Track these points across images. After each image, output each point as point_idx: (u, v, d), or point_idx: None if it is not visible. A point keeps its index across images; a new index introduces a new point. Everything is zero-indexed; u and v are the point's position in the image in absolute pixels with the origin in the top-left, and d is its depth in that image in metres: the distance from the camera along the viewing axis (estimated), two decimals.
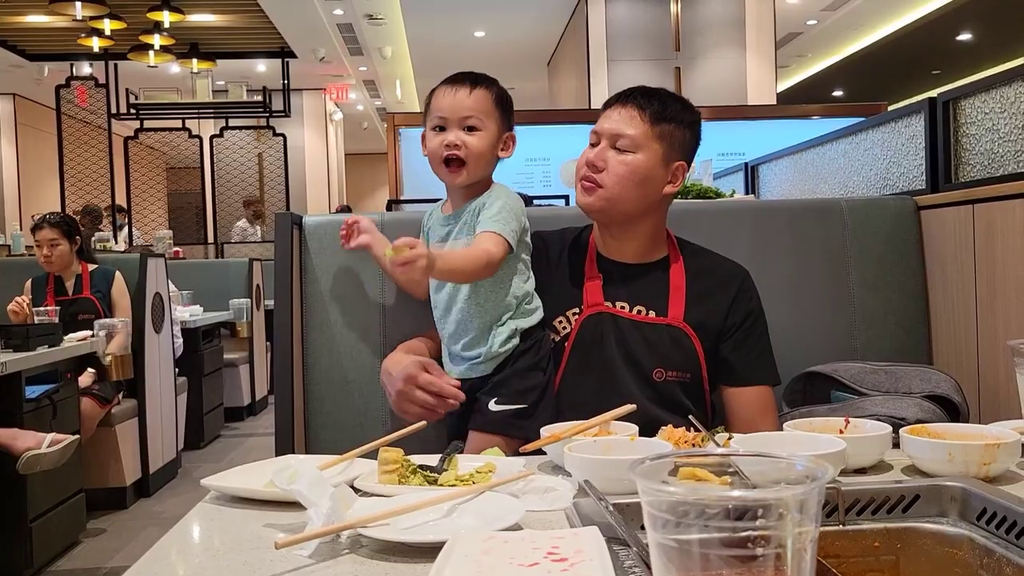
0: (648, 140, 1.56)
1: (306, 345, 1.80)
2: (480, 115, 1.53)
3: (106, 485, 3.89)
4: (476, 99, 1.53)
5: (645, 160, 1.56)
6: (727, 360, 1.61)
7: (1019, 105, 1.88)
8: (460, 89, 1.54)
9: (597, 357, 1.58)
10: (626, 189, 1.56)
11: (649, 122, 1.56)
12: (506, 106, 1.58)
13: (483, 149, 1.53)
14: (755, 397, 1.61)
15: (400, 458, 1.11)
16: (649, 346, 1.57)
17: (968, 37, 10.50)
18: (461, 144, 1.52)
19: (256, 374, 6.32)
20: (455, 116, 1.53)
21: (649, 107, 1.57)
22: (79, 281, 4.00)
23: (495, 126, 1.55)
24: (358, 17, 9.05)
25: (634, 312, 1.59)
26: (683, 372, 1.58)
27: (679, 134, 1.59)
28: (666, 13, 8.24)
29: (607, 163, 1.57)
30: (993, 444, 1.08)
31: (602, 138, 1.59)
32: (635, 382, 1.56)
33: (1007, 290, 1.70)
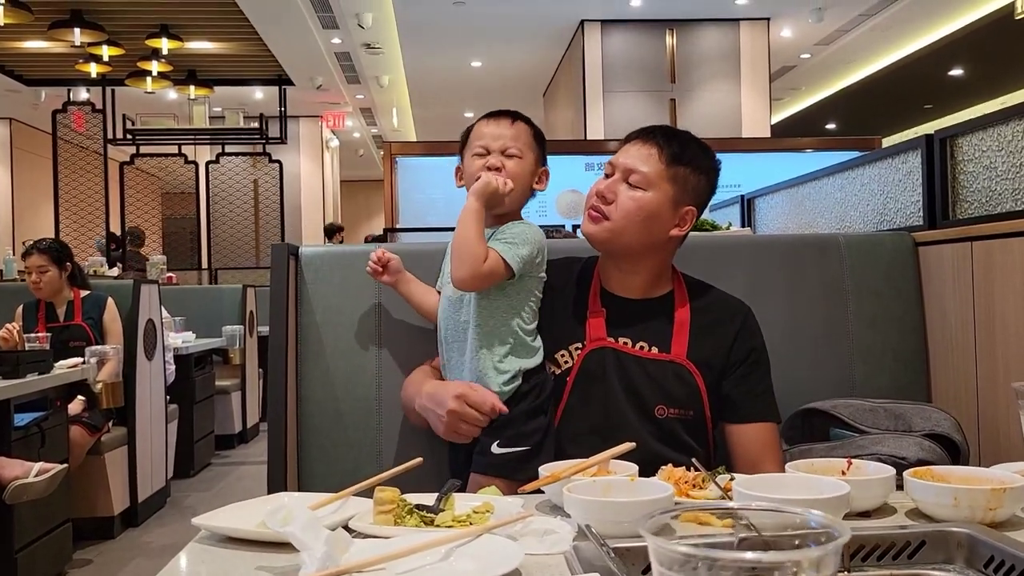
0: (661, 180, 1.56)
1: (300, 377, 1.79)
2: (520, 145, 1.58)
3: (93, 515, 3.84)
4: (517, 130, 1.60)
5: (654, 199, 1.55)
6: (729, 397, 1.59)
7: (1016, 143, 1.88)
8: (502, 120, 1.61)
9: (599, 392, 1.56)
10: (631, 224, 1.55)
11: (665, 162, 1.56)
12: (541, 142, 1.64)
13: (520, 174, 1.58)
14: (758, 434, 1.59)
15: (396, 498, 1.09)
16: (651, 382, 1.56)
17: (959, 72, 10.61)
18: (501, 166, 1.56)
19: (248, 401, 6.27)
20: (496, 144, 1.58)
21: (668, 147, 1.57)
22: (70, 307, 3.97)
23: (532, 158, 1.61)
24: (356, 46, 9.10)
25: (637, 348, 1.58)
26: (685, 409, 1.56)
27: (693, 179, 1.58)
28: (662, 45, 8.31)
29: (617, 196, 1.57)
30: (999, 489, 1.06)
31: (616, 170, 1.59)
32: (637, 418, 1.54)
33: (1007, 329, 1.69)
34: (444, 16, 8.19)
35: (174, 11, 7.93)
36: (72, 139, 9.41)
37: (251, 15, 7.90)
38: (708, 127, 7.90)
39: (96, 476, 3.81)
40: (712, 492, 1.16)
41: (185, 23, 8.21)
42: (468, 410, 1.48)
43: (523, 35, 8.83)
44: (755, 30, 8.37)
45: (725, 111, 8.27)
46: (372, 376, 1.78)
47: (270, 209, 10.46)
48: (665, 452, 1.52)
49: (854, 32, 8.91)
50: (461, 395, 1.48)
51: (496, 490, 1.26)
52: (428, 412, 1.54)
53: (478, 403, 1.48)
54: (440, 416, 1.50)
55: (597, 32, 8.34)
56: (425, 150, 6.20)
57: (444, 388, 1.52)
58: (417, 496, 1.16)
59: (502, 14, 8.19)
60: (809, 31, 8.80)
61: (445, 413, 1.48)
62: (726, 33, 8.34)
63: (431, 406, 1.53)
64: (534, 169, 1.61)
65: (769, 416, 1.61)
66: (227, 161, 10.40)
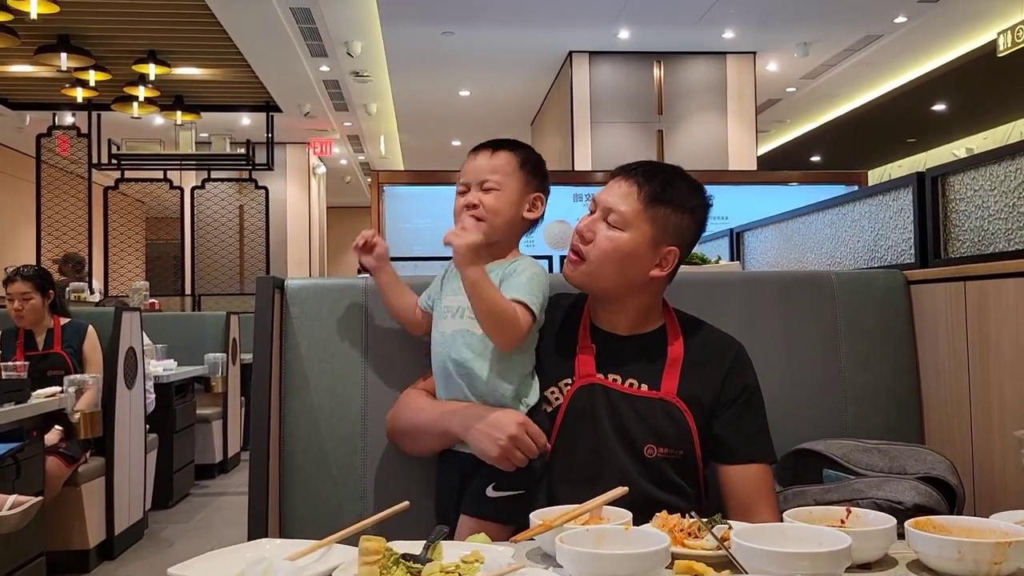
0: (638, 220, 1.52)
1: (284, 413, 1.74)
2: (498, 176, 1.55)
3: (68, 548, 3.75)
4: (496, 161, 1.56)
5: (631, 239, 1.52)
6: (721, 437, 1.56)
7: (1009, 183, 1.88)
8: (481, 153, 1.58)
9: (588, 430, 1.53)
10: (606, 266, 1.53)
11: (644, 202, 1.52)
12: (534, 167, 1.59)
13: (498, 207, 1.54)
14: (752, 476, 1.55)
15: (382, 548, 1.05)
16: (641, 420, 1.52)
17: (942, 107, 10.74)
18: (478, 203, 1.53)
19: (229, 430, 6.19)
20: (475, 179, 1.56)
21: (647, 185, 1.53)
22: (50, 336, 3.90)
23: (516, 186, 1.56)
24: (344, 74, 9.12)
25: (626, 385, 1.55)
26: (675, 448, 1.53)
27: (675, 219, 1.54)
28: (649, 77, 8.38)
29: (595, 235, 1.54)
30: (1005, 543, 1.03)
31: (598, 208, 1.57)
32: (626, 457, 1.51)
33: (1001, 371, 1.68)
34: (433, 45, 8.23)
35: (162, 37, 7.92)
36: (56, 163, 9.35)
37: (240, 42, 7.90)
38: (695, 159, 7.94)
39: (72, 508, 3.73)
40: (708, 542, 1.13)
41: (173, 49, 8.21)
42: (527, 439, 1.45)
43: (511, 65, 8.88)
44: (742, 64, 8.45)
45: (712, 143, 8.32)
46: (358, 413, 1.74)
47: (255, 235, 10.41)
48: (654, 492, 1.48)
49: (839, 67, 9.01)
50: (524, 422, 1.46)
51: (485, 538, 1.22)
52: (479, 434, 1.47)
53: (536, 434, 1.46)
54: (498, 439, 1.44)
55: (585, 63, 8.39)
56: (413, 179, 6.18)
57: (499, 413, 1.48)
58: (403, 544, 1.12)
59: (491, 44, 8.23)
60: (795, 65, 8.90)
61: (506, 438, 1.44)
62: (713, 66, 8.42)
63: (487, 430, 1.46)
64: (519, 198, 1.56)
65: (763, 457, 1.57)
66: (213, 187, 10.36)
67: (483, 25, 7.72)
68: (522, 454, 1.45)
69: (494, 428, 1.45)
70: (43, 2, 6.28)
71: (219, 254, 10.40)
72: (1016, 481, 1.61)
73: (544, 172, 1.62)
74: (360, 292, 1.79)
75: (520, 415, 1.47)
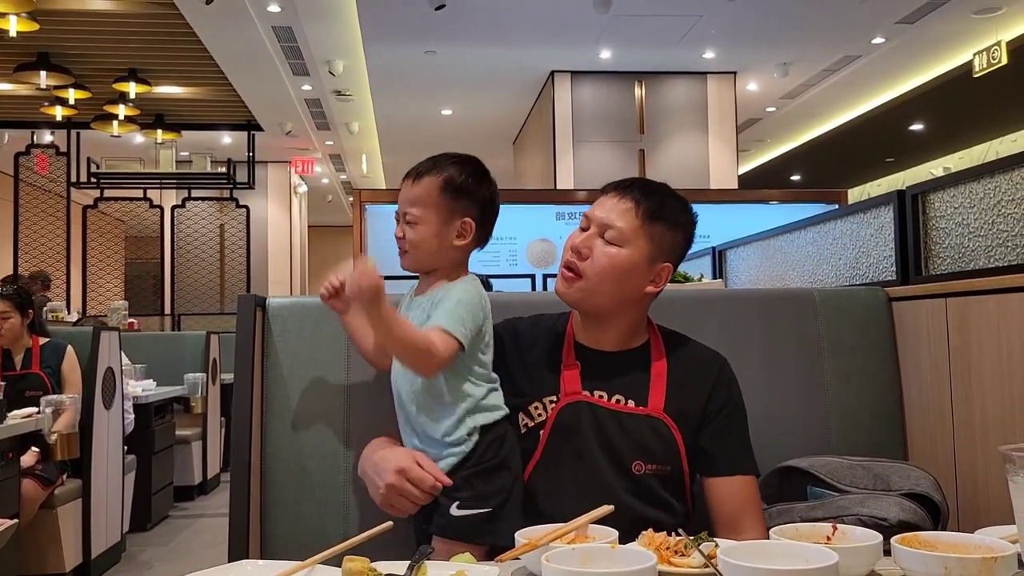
0: (637, 236, 1.52)
1: (265, 432, 1.72)
2: (419, 207, 1.51)
3: (44, 572, 3.68)
4: (417, 190, 1.52)
5: (629, 256, 1.51)
6: (706, 450, 1.55)
7: (988, 200, 1.89)
8: (407, 182, 1.55)
9: (573, 446, 1.52)
10: (604, 282, 1.52)
11: (642, 218, 1.52)
12: (457, 191, 1.51)
13: (419, 240, 1.50)
14: (737, 488, 1.54)
15: (365, 568, 1.04)
16: (628, 437, 1.51)
17: (920, 127, 10.88)
18: (403, 235, 1.52)
19: (209, 451, 6.12)
20: (401, 209, 1.54)
21: (645, 202, 1.53)
22: (28, 355, 3.85)
23: (436, 216, 1.50)
24: (326, 93, 9.12)
25: (613, 401, 1.54)
26: (663, 465, 1.52)
27: (669, 236, 1.55)
28: (631, 96, 8.44)
29: (592, 252, 1.53)
30: (990, 558, 1.03)
31: (592, 224, 1.55)
32: (613, 473, 1.50)
33: (983, 387, 1.68)
34: (415, 64, 8.26)
35: (142, 55, 7.91)
36: (35, 181, 9.29)
37: (221, 61, 7.89)
38: (676, 178, 7.95)
39: (48, 531, 3.66)
40: (695, 559, 1.12)
41: (153, 67, 8.19)
42: (407, 486, 1.41)
43: (494, 84, 8.92)
44: (722, 83, 8.54)
45: (693, 162, 8.39)
46: (340, 432, 1.72)
47: (236, 254, 10.36)
48: (641, 509, 1.47)
49: (818, 87, 9.12)
50: (402, 470, 1.42)
51: (470, 556, 1.20)
52: (368, 480, 1.49)
53: (418, 480, 1.41)
54: (378, 487, 1.44)
55: (567, 83, 8.44)
56: (394, 198, 6.14)
57: (387, 459, 1.45)
58: (388, 564, 1.10)
59: (473, 63, 8.27)
60: (775, 85, 8.99)
61: (383, 486, 1.43)
62: (694, 86, 8.49)
63: (372, 475, 1.47)
64: (440, 228, 1.50)
65: (747, 469, 1.57)
66: (193, 206, 10.32)
67: (465, 44, 7.76)
68: (408, 500, 1.42)
69: (376, 475, 1.45)
70: (22, 20, 6.25)
71: (199, 273, 10.34)
72: (1000, 496, 1.61)
73: (473, 191, 1.52)
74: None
75: (404, 459, 1.43)
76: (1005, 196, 1.85)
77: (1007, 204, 1.84)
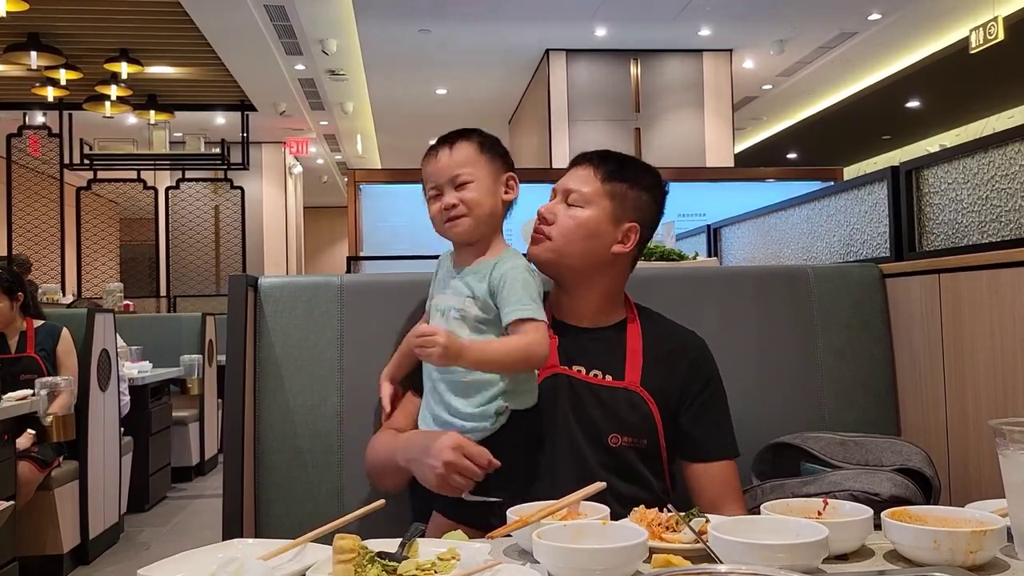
0: (598, 197, 1.56)
1: (258, 412, 1.72)
2: (467, 167, 1.49)
3: (42, 553, 3.69)
4: (458, 154, 1.50)
5: (592, 215, 1.56)
6: (689, 435, 1.56)
7: (981, 176, 1.89)
8: (440, 152, 1.51)
9: (551, 420, 1.52)
10: (571, 243, 1.55)
11: (600, 179, 1.57)
12: (494, 150, 1.53)
13: (479, 199, 1.48)
14: (719, 473, 1.56)
15: (356, 546, 1.04)
16: (605, 410, 1.52)
17: (916, 104, 10.85)
18: (458, 202, 1.47)
19: (206, 432, 6.13)
20: (444, 178, 1.49)
21: (604, 166, 1.59)
22: (23, 339, 3.84)
23: (485, 173, 1.50)
24: (320, 73, 9.06)
25: (591, 375, 1.55)
26: (639, 438, 1.53)
27: (632, 195, 1.58)
28: (626, 75, 8.39)
29: (556, 216, 1.57)
30: (980, 531, 1.03)
31: (558, 194, 1.61)
32: (589, 447, 1.51)
33: (975, 362, 1.69)
34: (409, 43, 8.20)
35: (134, 35, 7.83)
36: (27, 163, 9.24)
37: (213, 40, 7.83)
38: (672, 156, 7.97)
39: (45, 512, 3.67)
40: (686, 535, 1.12)
41: (145, 47, 8.12)
42: (465, 462, 1.38)
43: (488, 63, 8.86)
44: (718, 61, 8.49)
45: (689, 140, 8.36)
46: (334, 411, 1.72)
47: (231, 236, 10.33)
48: (617, 484, 1.47)
49: (814, 64, 9.07)
50: (459, 446, 1.39)
51: (462, 535, 1.20)
52: (418, 463, 1.44)
53: (475, 455, 1.39)
54: (434, 467, 1.39)
55: (562, 61, 8.40)
56: (389, 177, 6.16)
57: (438, 440, 1.41)
58: (379, 542, 1.10)
59: (468, 42, 8.22)
60: (771, 63, 8.95)
61: (441, 464, 1.38)
62: (690, 64, 8.45)
63: (423, 457, 1.42)
64: (493, 184, 1.50)
65: (729, 453, 1.59)
66: (187, 187, 10.27)
67: (460, 23, 7.70)
68: (464, 478, 1.39)
69: (430, 456, 1.41)
70: (12, 0, 6.18)
71: (194, 255, 10.31)
72: (991, 471, 1.62)
73: (505, 150, 1.56)
74: (335, 290, 1.77)
75: (456, 438, 1.40)
76: (998, 171, 1.84)
77: (1000, 179, 1.84)
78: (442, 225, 1.49)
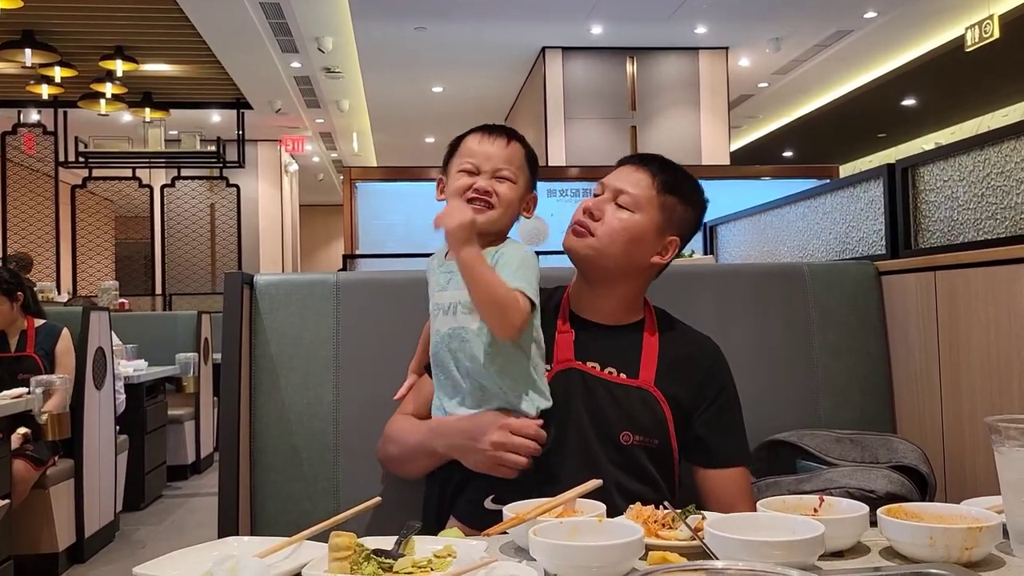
0: (649, 205, 1.55)
1: (254, 410, 1.72)
2: (514, 168, 1.49)
3: (37, 551, 3.68)
4: (511, 152, 1.50)
5: (641, 222, 1.54)
6: (703, 440, 1.55)
7: (977, 173, 1.89)
8: (497, 139, 1.50)
9: (563, 415, 1.51)
10: (614, 244, 1.53)
11: (656, 188, 1.55)
12: (534, 166, 1.55)
13: (512, 200, 1.48)
14: (733, 480, 1.55)
15: (352, 543, 1.03)
16: (618, 407, 1.52)
17: (912, 102, 10.85)
18: (492, 191, 1.46)
19: (202, 430, 6.12)
20: (489, 164, 1.47)
21: (661, 175, 1.57)
22: (23, 338, 3.82)
23: (522, 182, 1.51)
24: (316, 70, 9.05)
25: (605, 372, 1.54)
26: (651, 437, 1.52)
27: (680, 209, 1.58)
28: (622, 73, 8.39)
29: (604, 214, 1.54)
30: (976, 528, 1.03)
31: (607, 190, 1.58)
32: (600, 443, 1.50)
33: (971, 359, 1.69)
34: (405, 41, 8.19)
35: (129, 33, 7.81)
36: (22, 161, 9.21)
37: (209, 38, 7.81)
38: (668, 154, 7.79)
39: (40, 511, 3.66)
40: (682, 532, 1.12)
41: (140, 45, 8.10)
42: (514, 439, 1.37)
43: (484, 61, 8.85)
44: (714, 59, 8.49)
45: (685, 138, 8.35)
46: (330, 409, 1.72)
47: (227, 234, 10.31)
48: (627, 482, 1.47)
49: (810, 62, 9.08)
50: (505, 424, 1.38)
51: (458, 532, 1.20)
52: (463, 450, 1.42)
53: (522, 428, 1.38)
54: (483, 450, 1.38)
55: (558, 59, 8.39)
56: (385, 175, 6.15)
57: (479, 422, 1.41)
58: (375, 540, 1.10)
59: (463, 40, 8.20)
60: (767, 61, 8.95)
61: (489, 444, 1.37)
62: (686, 62, 8.45)
63: (466, 442, 1.41)
64: (524, 194, 1.51)
65: (743, 460, 1.58)
66: (183, 185, 10.25)
67: (455, 20, 7.69)
68: (517, 455, 1.37)
69: (475, 439, 1.39)
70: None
71: (190, 253, 10.29)
72: (986, 468, 1.62)
73: (536, 171, 1.57)
74: (331, 287, 1.77)
75: (498, 417, 1.39)
76: (994, 169, 1.85)
77: (996, 177, 1.84)
78: (462, 201, 1.46)
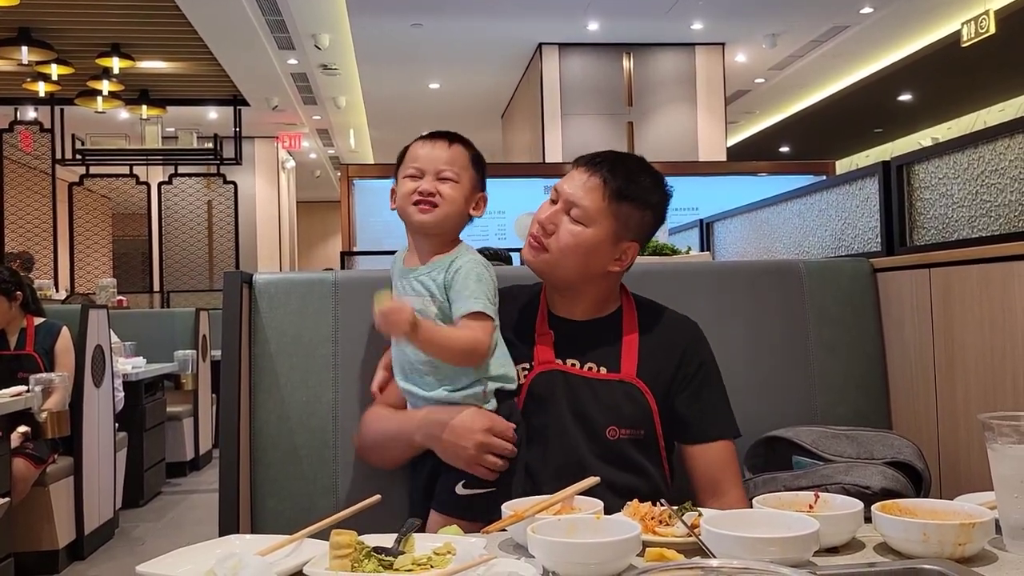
0: (602, 216, 1.52)
1: (253, 409, 1.73)
2: (456, 168, 1.51)
3: (38, 548, 3.70)
4: (453, 153, 1.53)
5: (593, 235, 1.53)
6: (684, 417, 1.57)
7: (972, 171, 1.90)
8: (438, 143, 1.54)
9: (546, 415, 1.53)
10: (567, 259, 1.54)
11: (608, 198, 1.52)
12: (480, 167, 1.57)
13: (456, 199, 1.51)
14: (716, 454, 1.56)
15: (353, 541, 1.05)
16: (601, 403, 1.53)
17: (908, 97, 10.87)
18: (435, 191, 1.50)
19: (200, 427, 6.13)
20: (431, 167, 1.51)
21: (613, 181, 1.53)
22: (23, 336, 3.83)
23: (468, 181, 1.53)
24: (312, 67, 9.04)
25: (585, 369, 1.55)
26: (636, 428, 1.53)
27: (637, 215, 1.55)
28: (619, 69, 8.39)
29: (557, 228, 1.54)
30: (968, 524, 1.05)
31: (560, 199, 1.56)
32: (586, 440, 1.51)
33: (965, 356, 1.70)
34: (402, 38, 8.18)
35: (126, 30, 7.80)
36: (19, 159, 9.20)
37: (205, 35, 7.80)
38: (665, 150, 7.97)
39: (40, 508, 3.67)
40: (679, 529, 1.14)
41: (137, 42, 8.09)
42: (497, 441, 1.43)
43: (481, 57, 8.85)
44: (711, 55, 8.49)
45: (682, 134, 8.36)
46: (328, 407, 1.73)
47: (224, 231, 10.31)
48: (614, 475, 1.48)
49: (807, 58, 9.08)
50: (490, 426, 1.43)
51: (457, 529, 1.22)
52: (444, 445, 1.45)
53: (503, 432, 1.44)
54: (465, 448, 1.42)
55: (555, 55, 8.38)
56: (383, 172, 6.15)
57: (465, 421, 1.44)
58: (375, 537, 1.12)
59: (460, 36, 8.20)
60: (763, 56, 8.95)
61: (473, 446, 1.42)
62: (682, 58, 8.45)
63: (453, 439, 1.44)
64: (470, 194, 1.53)
65: (726, 433, 1.59)
66: (180, 182, 10.24)
67: (452, 17, 7.69)
68: (495, 456, 1.42)
69: (458, 437, 1.43)
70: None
71: (188, 250, 10.29)
72: (980, 464, 1.63)
73: (485, 171, 1.60)
74: (330, 286, 1.78)
75: (483, 417, 1.44)
76: (988, 166, 1.86)
77: (990, 174, 1.85)
78: (410, 206, 1.50)
